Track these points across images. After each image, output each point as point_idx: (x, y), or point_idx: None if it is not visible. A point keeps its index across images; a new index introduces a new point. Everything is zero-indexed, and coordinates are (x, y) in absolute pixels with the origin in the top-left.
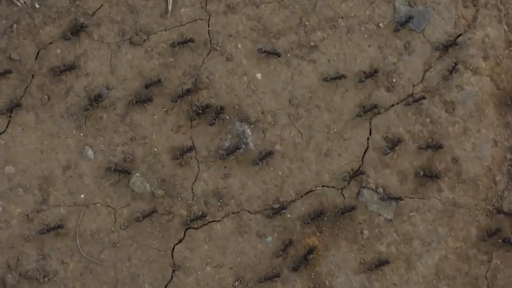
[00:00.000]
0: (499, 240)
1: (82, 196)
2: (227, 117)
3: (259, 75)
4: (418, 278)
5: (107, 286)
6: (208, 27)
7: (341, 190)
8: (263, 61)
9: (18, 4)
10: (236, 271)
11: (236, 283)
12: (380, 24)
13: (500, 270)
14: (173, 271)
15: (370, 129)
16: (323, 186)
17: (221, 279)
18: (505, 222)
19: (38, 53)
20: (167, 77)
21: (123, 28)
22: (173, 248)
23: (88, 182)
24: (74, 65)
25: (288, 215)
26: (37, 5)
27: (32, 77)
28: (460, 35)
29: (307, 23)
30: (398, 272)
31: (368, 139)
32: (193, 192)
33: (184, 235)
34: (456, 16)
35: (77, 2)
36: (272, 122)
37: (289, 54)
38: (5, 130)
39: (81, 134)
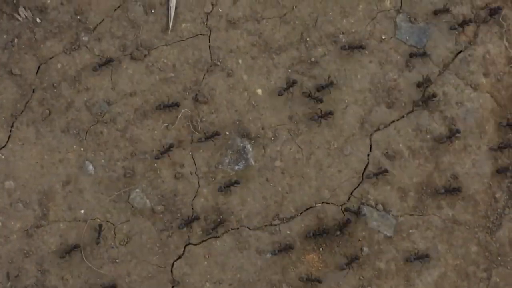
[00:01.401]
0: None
1: (82, 211)
2: (227, 133)
3: (259, 91)
4: None
5: None
6: (209, 42)
7: (341, 207)
8: (263, 76)
9: (20, 18)
10: (236, 287)
11: None
12: (381, 40)
13: None
14: (173, 287)
15: (370, 145)
16: (323, 202)
17: None
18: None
19: (39, 67)
20: (168, 92)
21: (124, 43)
22: (173, 264)
23: (88, 198)
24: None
25: (288, 231)
26: (38, 20)
27: (33, 91)
28: (461, 51)
29: (308, 39)
30: None
31: (368, 155)
32: (192, 208)
33: (184, 251)
34: (457, 32)
35: (78, 17)
36: (273, 138)
37: (289, 70)
38: (5, 145)
39: (82, 149)
